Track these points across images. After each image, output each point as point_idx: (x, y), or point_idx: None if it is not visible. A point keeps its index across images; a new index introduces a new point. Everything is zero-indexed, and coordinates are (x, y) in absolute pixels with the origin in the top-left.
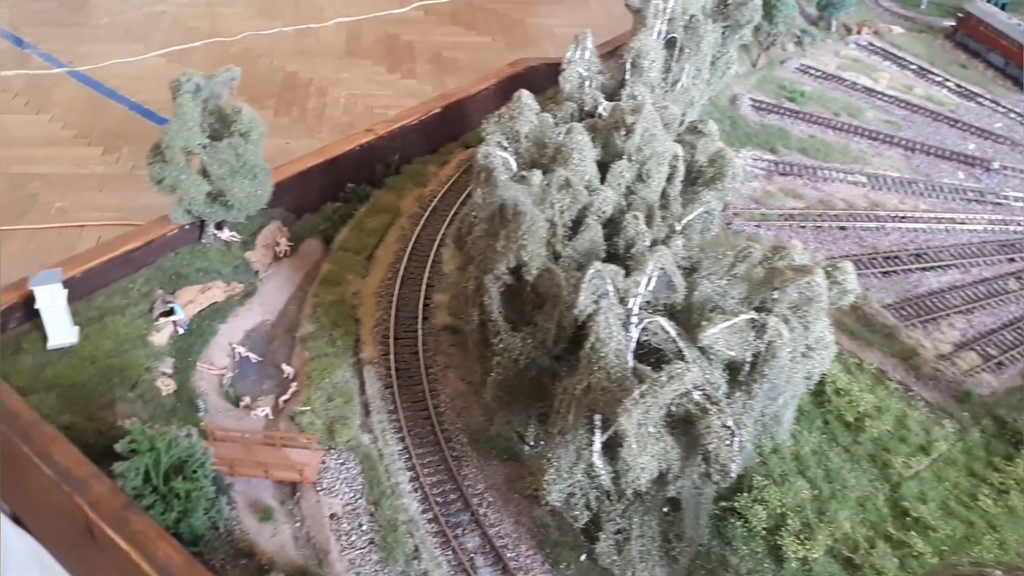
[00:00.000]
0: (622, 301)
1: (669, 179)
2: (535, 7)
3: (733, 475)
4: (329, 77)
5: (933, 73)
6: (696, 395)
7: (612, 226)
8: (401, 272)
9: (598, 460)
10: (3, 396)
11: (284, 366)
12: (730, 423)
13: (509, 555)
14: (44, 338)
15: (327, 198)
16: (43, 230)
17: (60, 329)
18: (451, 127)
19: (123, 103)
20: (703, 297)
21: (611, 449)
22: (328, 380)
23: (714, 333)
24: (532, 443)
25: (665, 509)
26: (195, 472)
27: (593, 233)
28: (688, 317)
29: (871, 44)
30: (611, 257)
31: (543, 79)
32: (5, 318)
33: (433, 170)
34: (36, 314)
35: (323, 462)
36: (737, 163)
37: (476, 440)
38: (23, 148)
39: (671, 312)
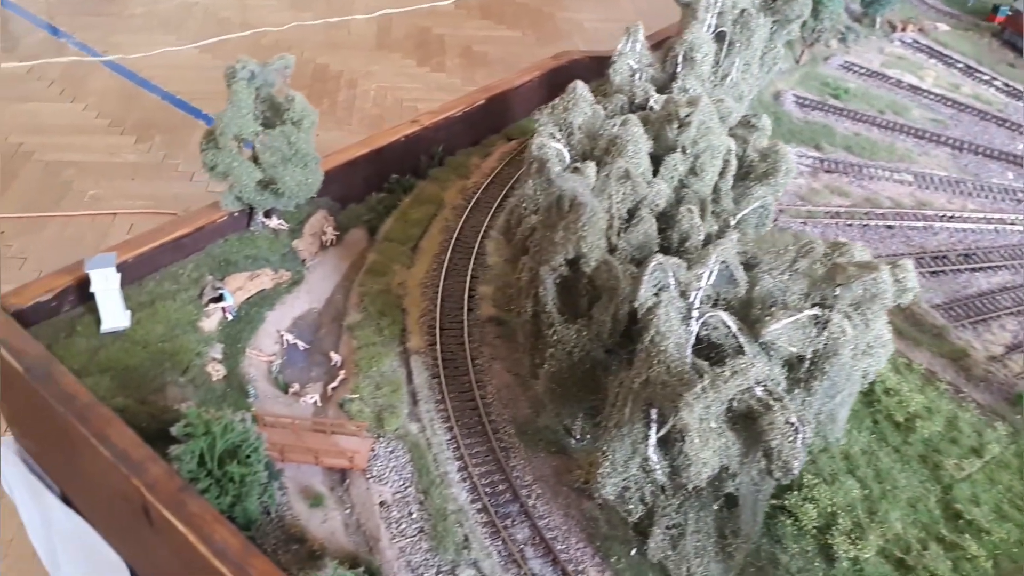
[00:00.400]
0: (682, 294)
1: (721, 174)
2: (565, 2)
3: (795, 472)
4: (359, 69)
5: (980, 71)
6: (758, 391)
7: (663, 219)
8: (446, 263)
9: (654, 454)
10: (59, 378)
11: (332, 354)
12: (794, 419)
13: (559, 547)
14: (98, 321)
15: (372, 188)
16: (77, 217)
17: (113, 313)
18: (494, 119)
19: (156, 93)
20: (764, 292)
21: (667, 444)
22: (376, 369)
23: (777, 329)
24: (578, 436)
25: (719, 505)
26: (249, 457)
27: (647, 226)
28: (747, 312)
29: (916, 41)
30: (663, 251)
31: (586, 71)
32: (59, 301)
33: (476, 162)
34: (90, 297)
35: (372, 450)
36: (791, 158)
37: (523, 432)
38: (58, 136)
39: (728, 306)
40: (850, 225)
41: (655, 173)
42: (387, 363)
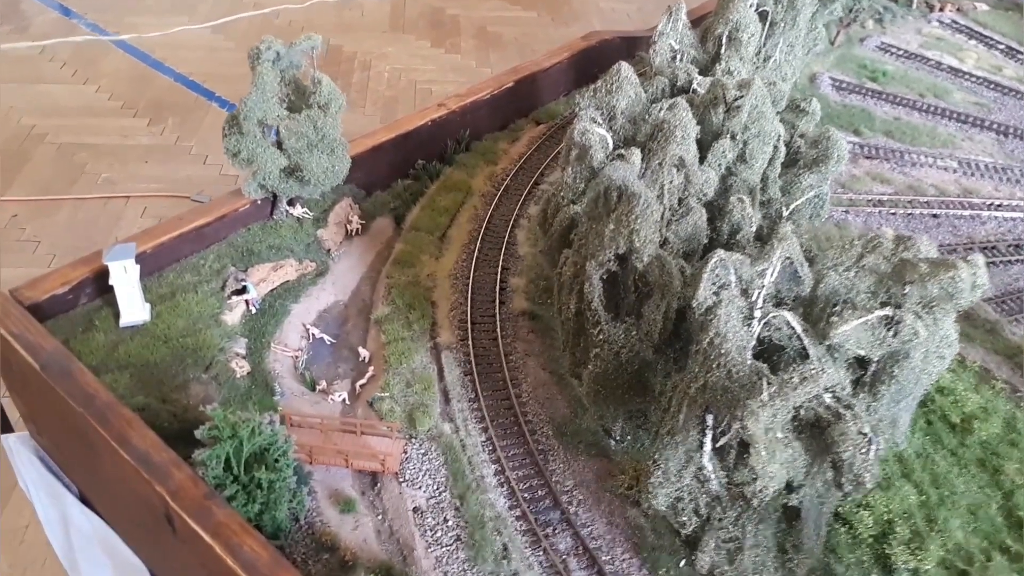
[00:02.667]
0: (744, 293)
1: (770, 161)
2: None
3: (868, 486)
4: (373, 51)
5: (1022, 53)
6: (827, 398)
7: (709, 210)
8: (475, 254)
9: (709, 463)
10: (77, 375)
11: (360, 349)
12: (867, 430)
13: (604, 558)
14: (116, 315)
15: (397, 175)
16: (90, 200)
17: (133, 306)
18: (522, 102)
19: (168, 74)
20: (828, 290)
21: (724, 453)
22: (406, 365)
23: (846, 330)
24: (618, 438)
25: (779, 517)
26: (278, 461)
27: (697, 217)
28: (809, 311)
29: (955, 22)
30: (712, 244)
31: (616, 53)
32: (76, 294)
33: (504, 147)
34: (108, 290)
35: (405, 452)
36: (843, 145)
37: (562, 433)
38: (71, 118)
39: (790, 306)
40: (894, 214)
41: (701, 160)
42: (417, 359)
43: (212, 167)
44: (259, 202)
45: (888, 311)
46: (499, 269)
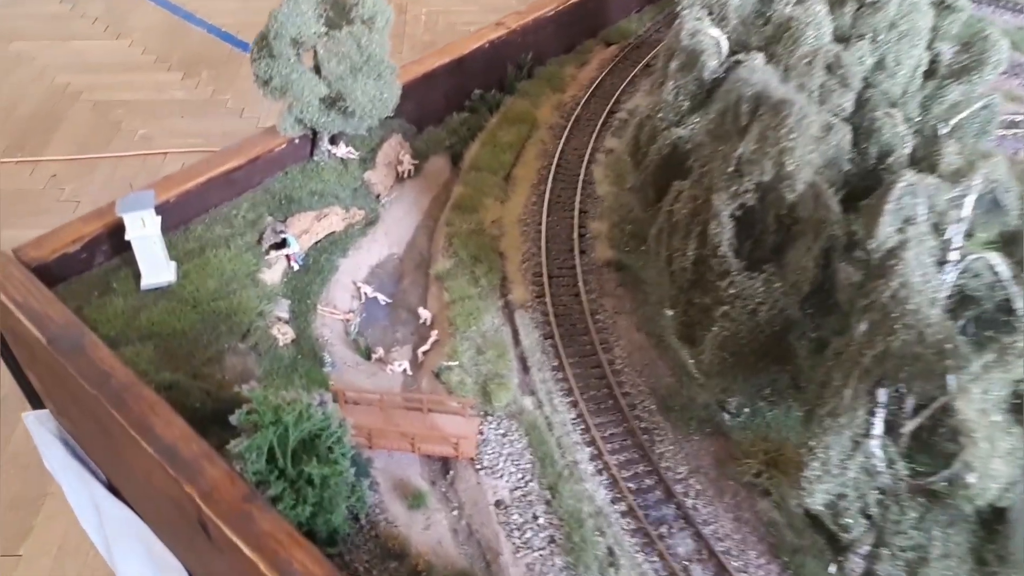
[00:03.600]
0: (935, 229)
1: (915, 69)
2: None
3: None
4: None
5: None
6: None
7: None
8: (547, 195)
9: (880, 451)
10: (91, 351)
11: (420, 310)
12: None
13: (735, 564)
14: (136, 276)
15: (452, 107)
16: (128, 158)
17: (155, 265)
18: (589, 21)
19: (201, 26)
20: None
21: (909, 438)
22: (475, 328)
23: None
24: (734, 411)
25: (975, 520)
26: (331, 450)
27: (840, 137)
28: (1011, 251)
29: None
30: (860, 168)
31: None
32: (90, 252)
33: (571, 72)
34: (126, 247)
35: (480, 432)
36: (1003, 47)
37: (667, 407)
38: (105, 75)
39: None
40: None
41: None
42: (487, 320)
43: (249, 120)
44: (297, 141)
45: None
46: (576, 212)
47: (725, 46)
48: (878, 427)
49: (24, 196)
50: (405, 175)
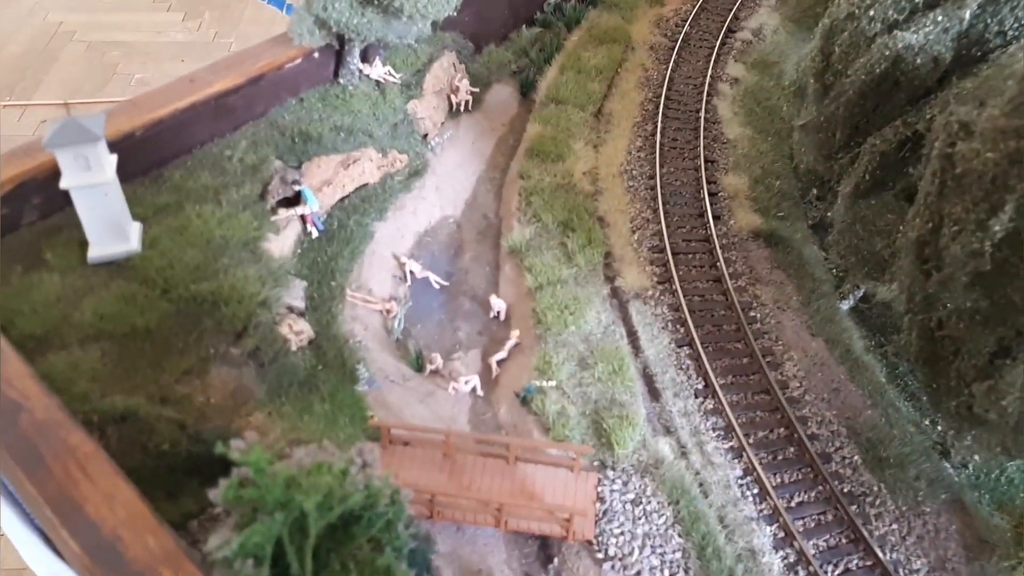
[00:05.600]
0: None
1: None
2: None
3: None
4: None
5: None
6: None
7: None
8: (658, 139)
9: None
10: None
11: (493, 299)
12: None
13: None
14: (81, 243)
15: (520, 20)
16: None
17: (108, 227)
18: None
19: None
20: None
21: None
22: (574, 327)
23: None
24: (962, 458)
25: None
26: (378, 543)
27: None
28: None
29: None
30: None
31: None
32: (15, 208)
33: None
34: (66, 201)
35: (599, 498)
36: None
37: (878, 460)
38: (101, 14)
39: None
40: None
41: None
42: (591, 316)
43: None
44: (316, 54)
45: None
46: (701, 162)
47: None
48: None
49: (11, 144)
50: (461, 107)
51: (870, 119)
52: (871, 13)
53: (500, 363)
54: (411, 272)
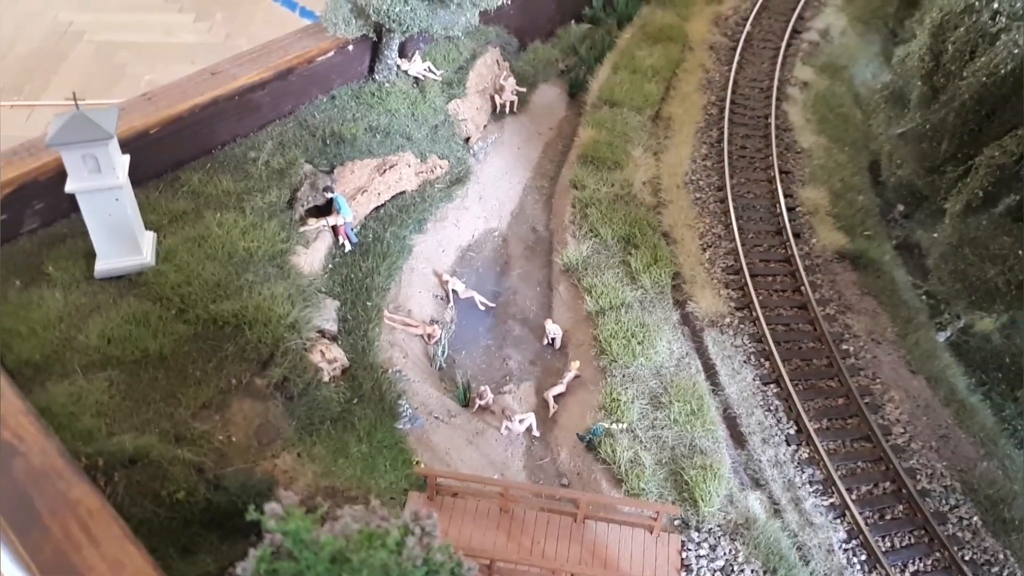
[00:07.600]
0: None
1: None
2: None
3: None
4: None
5: None
6: None
7: None
8: (725, 147)
9: None
10: None
11: (548, 324)
12: None
13: None
14: (87, 254)
15: (567, 16)
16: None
17: (119, 237)
18: None
19: None
20: None
21: None
22: (643, 358)
23: None
24: None
25: None
26: None
27: None
28: None
29: None
30: None
31: None
32: (15, 214)
33: None
34: (72, 207)
35: (683, 564)
36: None
37: (999, 521)
38: (111, 14)
39: None
40: None
41: None
42: (662, 346)
43: None
44: (351, 47)
45: None
46: (775, 173)
47: None
48: None
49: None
50: (506, 109)
51: (986, 127)
52: (995, 6)
53: (557, 398)
54: (454, 291)
